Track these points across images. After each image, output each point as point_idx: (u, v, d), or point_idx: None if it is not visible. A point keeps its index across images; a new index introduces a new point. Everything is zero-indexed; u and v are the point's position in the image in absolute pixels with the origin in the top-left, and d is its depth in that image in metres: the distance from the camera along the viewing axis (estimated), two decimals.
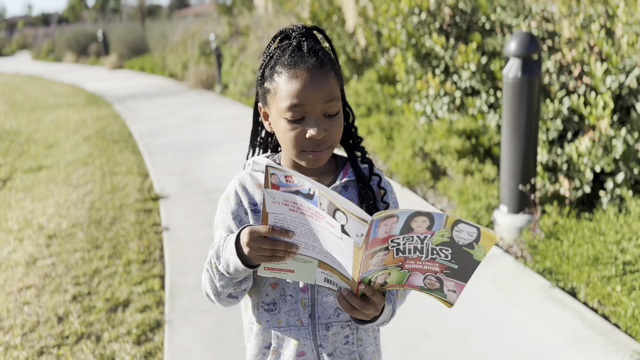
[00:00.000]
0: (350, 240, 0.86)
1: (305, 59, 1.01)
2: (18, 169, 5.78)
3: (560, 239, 2.85)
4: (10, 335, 2.58)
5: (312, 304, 1.10)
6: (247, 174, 1.15)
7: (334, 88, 1.03)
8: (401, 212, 0.83)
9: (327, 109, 1.02)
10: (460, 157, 4.01)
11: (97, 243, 3.61)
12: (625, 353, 2.15)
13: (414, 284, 0.95)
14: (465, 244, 0.86)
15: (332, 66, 1.04)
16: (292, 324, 1.11)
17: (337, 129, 1.05)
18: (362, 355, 1.16)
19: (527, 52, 3.05)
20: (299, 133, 1.02)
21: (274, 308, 1.12)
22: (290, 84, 1.00)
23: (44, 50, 23.28)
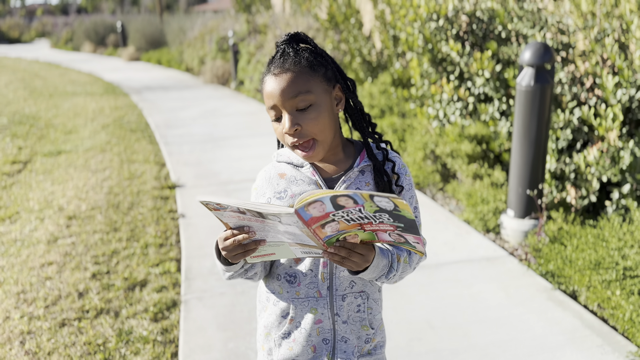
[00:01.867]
0: (293, 227, 0.99)
1: (275, 64, 1.14)
2: (38, 152, 5.94)
3: (564, 244, 2.94)
4: (33, 307, 2.72)
5: (331, 278, 1.22)
6: (272, 166, 1.27)
7: (301, 84, 1.12)
8: (322, 197, 0.92)
9: (296, 104, 1.12)
10: (471, 162, 4.11)
11: (116, 226, 3.74)
12: (620, 353, 2.25)
13: (385, 239, 1.04)
14: (392, 209, 0.93)
15: (304, 63, 1.14)
16: (310, 296, 1.23)
17: (312, 122, 1.13)
18: (372, 322, 1.28)
19: (540, 62, 3.15)
20: (280, 130, 1.15)
21: (295, 280, 1.23)
22: (265, 87, 1.15)
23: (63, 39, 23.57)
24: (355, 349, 1.27)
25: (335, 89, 1.20)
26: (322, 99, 1.16)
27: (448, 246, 3.28)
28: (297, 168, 1.23)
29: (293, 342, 1.26)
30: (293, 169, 1.23)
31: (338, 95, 1.21)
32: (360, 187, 1.22)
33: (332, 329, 1.25)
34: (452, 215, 3.77)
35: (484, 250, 3.21)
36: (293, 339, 1.26)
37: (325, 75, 1.17)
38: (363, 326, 1.27)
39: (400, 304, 2.65)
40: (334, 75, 1.20)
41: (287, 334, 1.26)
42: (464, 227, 3.54)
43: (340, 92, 1.22)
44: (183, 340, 2.39)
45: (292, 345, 1.26)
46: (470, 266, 3.03)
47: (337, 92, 1.21)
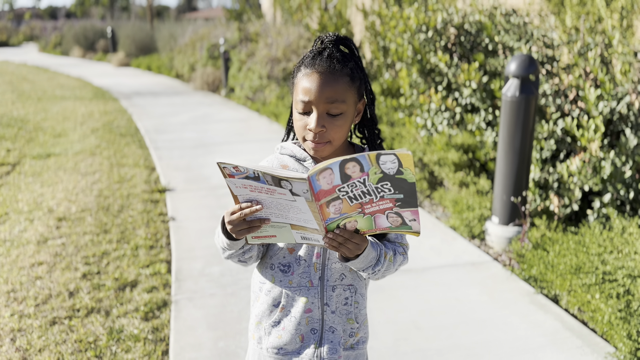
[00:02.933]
0: (301, 199, 1.05)
1: (321, 63, 1.18)
2: (27, 154, 5.93)
3: (547, 250, 3.03)
4: (24, 305, 2.73)
5: (323, 268, 1.28)
6: (275, 157, 1.33)
7: (340, 92, 1.18)
8: (332, 163, 1.00)
9: (330, 109, 1.19)
10: (457, 170, 4.20)
11: (106, 228, 3.76)
12: (599, 354, 2.33)
13: (383, 225, 1.11)
14: (395, 172, 1.00)
15: (348, 73, 1.19)
16: (302, 285, 1.29)
17: (337, 128, 1.20)
18: (357, 316, 1.34)
19: (525, 73, 3.25)
20: (303, 124, 1.21)
21: (288, 270, 1.29)
22: (303, 81, 1.19)
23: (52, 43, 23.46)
24: (341, 339, 1.32)
25: (360, 102, 1.27)
26: (350, 109, 1.23)
27: (434, 251, 3.35)
28: (300, 162, 1.29)
29: (282, 330, 1.31)
30: (295, 162, 1.29)
31: (359, 108, 1.28)
32: None
33: (321, 318, 1.30)
34: (439, 221, 3.85)
35: (469, 256, 3.29)
36: (283, 327, 1.31)
37: (358, 89, 1.24)
38: (349, 319, 1.33)
39: (387, 305, 2.71)
40: (364, 90, 1.27)
41: (277, 322, 1.32)
42: (450, 233, 3.62)
43: (362, 105, 1.29)
44: (174, 338, 2.43)
45: (281, 333, 1.31)
46: (455, 270, 3.10)
47: (360, 105, 1.27)
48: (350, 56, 1.23)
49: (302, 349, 1.32)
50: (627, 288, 2.47)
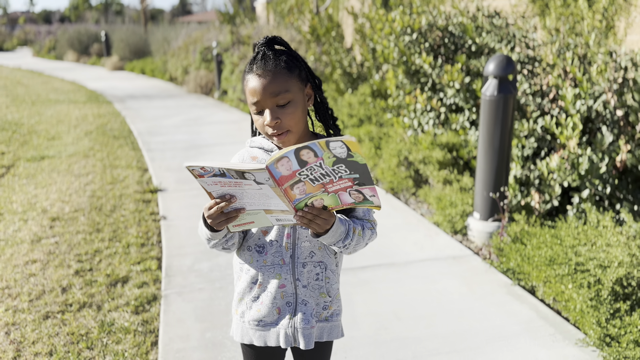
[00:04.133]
0: (266, 186, 1.16)
1: (258, 65, 1.30)
2: (21, 157, 6.01)
3: (525, 243, 3.14)
4: (18, 301, 2.82)
5: (293, 247, 1.39)
6: (246, 150, 1.45)
7: (281, 83, 1.29)
8: (287, 152, 1.10)
9: (277, 101, 1.30)
10: (441, 168, 4.31)
11: (98, 227, 3.85)
12: (570, 341, 2.43)
13: (347, 201, 1.21)
14: (346, 156, 1.10)
15: (283, 65, 1.30)
16: (276, 263, 1.40)
17: (290, 116, 1.31)
18: (329, 291, 1.45)
19: (503, 73, 3.36)
20: (261, 122, 1.32)
21: (263, 250, 1.41)
22: (248, 86, 1.31)
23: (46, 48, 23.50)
24: (313, 311, 1.44)
25: (307, 87, 1.38)
26: (298, 96, 1.34)
27: (417, 246, 3.46)
28: (268, 152, 1.40)
29: (261, 304, 1.43)
30: (264, 153, 1.40)
31: (309, 93, 1.39)
32: None
33: (294, 293, 1.42)
34: (423, 218, 3.96)
35: (450, 250, 3.39)
36: (261, 302, 1.43)
37: (299, 76, 1.35)
38: (321, 293, 1.44)
39: (369, 297, 2.81)
40: (306, 75, 1.38)
41: (256, 298, 1.44)
42: (433, 229, 3.72)
43: (311, 90, 1.40)
44: (163, 330, 2.52)
45: (260, 307, 1.43)
46: (437, 264, 3.20)
47: (308, 90, 1.39)
48: (283, 50, 1.35)
49: (279, 320, 1.44)
50: (598, 278, 2.57)
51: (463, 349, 2.37)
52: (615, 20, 4.35)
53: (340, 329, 1.55)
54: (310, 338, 1.44)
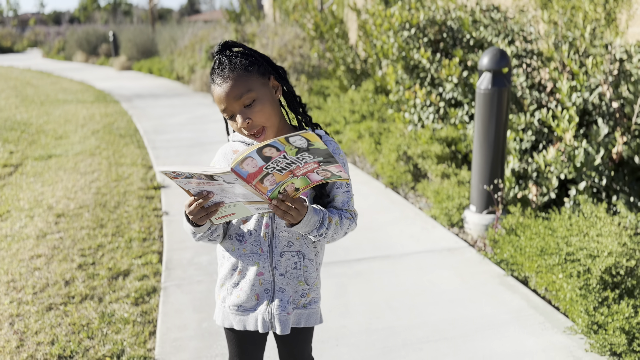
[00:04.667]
0: (237, 184, 1.21)
1: (217, 73, 1.35)
2: (29, 156, 6.12)
3: (519, 235, 3.17)
4: (22, 293, 2.91)
5: (272, 237, 1.45)
6: (228, 145, 1.51)
7: (241, 85, 1.34)
8: (249, 153, 1.14)
9: (243, 102, 1.35)
10: (440, 162, 4.35)
11: (102, 222, 3.94)
12: (559, 329, 2.47)
13: (316, 179, 1.26)
14: (307, 146, 1.14)
15: (240, 67, 1.35)
16: (254, 252, 1.46)
17: (259, 113, 1.36)
18: (307, 279, 1.51)
19: (497, 67, 3.40)
20: (236, 125, 1.38)
21: (242, 239, 1.46)
22: (214, 95, 1.37)
23: (55, 48, 23.75)
24: (290, 299, 1.50)
25: (270, 80, 1.42)
26: (262, 92, 1.38)
27: (413, 239, 3.50)
28: (249, 145, 1.46)
29: (240, 290, 1.49)
30: (245, 146, 1.46)
31: (275, 84, 1.44)
32: None
33: (272, 280, 1.48)
34: (421, 211, 4.00)
35: (446, 242, 3.44)
36: (240, 288, 1.49)
37: (259, 72, 1.39)
38: (299, 281, 1.50)
39: (363, 288, 2.87)
40: (267, 69, 1.42)
41: (236, 284, 1.50)
42: (430, 222, 3.77)
43: (275, 81, 1.44)
44: (161, 320, 2.60)
45: (239, 293, 1.50)
46: (432, 256, 3.25)
47: (272, 82, 1.43)
48: (238, 52, 1.39)
49: (257, 305, 1.50)
50: (587, 267, 2.61)
51: (452, 336, 2.42)
52: (617, 12, 4.35)
53: (319, 315, 1.60)
54: (286, 324, 1.50)
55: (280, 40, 8.58)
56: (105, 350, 2.38)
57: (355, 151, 5.41)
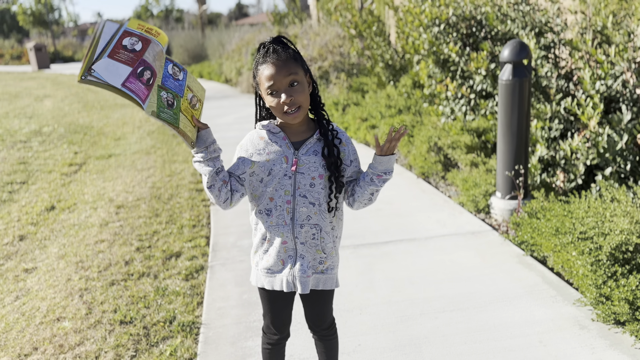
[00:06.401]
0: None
1: (271, 55, 1.63)
2: (91, 156, 6.70)
3: (539, 218, 3.34)
4: (89, 272, 3.34)
5: (293, 212, 1.73)
6: (255, 131, 1.78)
7: (292, 67, 1.61)
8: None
9: (290, 80, 1.62)
10: (469, 152, 4.52)
11: (157, 212, 4.36)
12: (569, 301, 2.65)
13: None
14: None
15: (291, 56, 1.63)
16: (280, 224, 1.74)
17: (300, 93, 1.64)
18: (324, 248, 1.78)
19: (517, 58, 3.56)
20: (277, 102, 1.64)
21: (269, 213, 1.75)
22: (264, 72, 1.63)
23: None
24: (309, 264, 1.77)
25: (307, 76, 1.72)
26: (303, 79, 1.67)
27: (440, 224, 3.72)
28: (274, 133, 1.74)
29: (269, 256, 1.78)
30: (270, 134, 1.74)
31: (308, 81, 1.73)
32: (317, 150, 1.72)
33: (294, 248, 1.76)
34: (450, 199, 4.20)
35: (471, 226, 3.64)
36: (269, 254, 1.78)
37: (303, 65, 1.69)
38: (317, 250, 1.78)
39: (389, 266, 3.12)
40: (306, 67, 1.71)
41: (266, 251, 1.79)
42: (457, 209, 3.97)
43: (309, 79, 1.74)
44: (207, 293, 2.95)
45: (268, 258, 1.79)
46: (455, 238, 3.46)
47: (308, 78, 1.72)
48: (288, 45, 1.68)
49: (282, 269, 1.79)
50: (599, 245, 2.76)
51: (467, 307, 2.64)
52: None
53: (335, 280, 1.88)
54: (305, 285, 1.78)
55: (321, 40, 8.89)
56: (159, 317, 2.75)
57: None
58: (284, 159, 1.70)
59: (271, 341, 1.94)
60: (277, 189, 1.71)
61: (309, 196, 1.72)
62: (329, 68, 8.56)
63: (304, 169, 1.71)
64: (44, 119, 9.76)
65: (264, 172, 1.72)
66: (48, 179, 5.67)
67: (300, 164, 1.71)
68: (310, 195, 1.73)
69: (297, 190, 1.71)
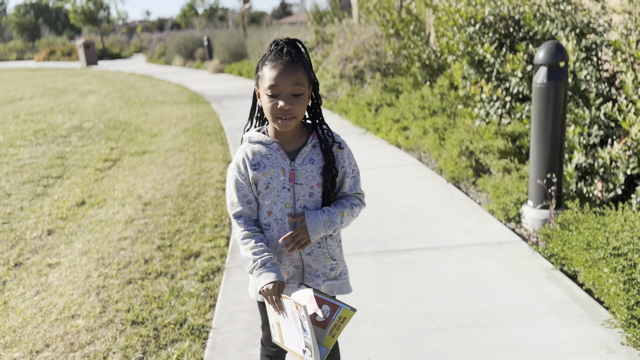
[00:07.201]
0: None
1: (283, 57, 1.55)
2: (126, 152, 6.82)
3: (571, 230, 3.15)
4: (109, 269, 3.37)
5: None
6: (246, 145, 1.68)
7: (300, 77, 1.54)
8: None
9: (294, 90, 1.55)
10: (502, 157, 4.34)
11: (182, 210, 4.38)
12: (597, 322, 2.48)
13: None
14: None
15: (302, 64, 1.56)
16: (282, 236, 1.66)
17: (301, 105, 1.56)
18: (333, 255, 1.72)
19: (553, 61, 3.37)
20: (274, 105, 1.56)
21: (269, 228, 1.67)
22: (271, 72, 1.55)
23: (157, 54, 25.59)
24: (318, 272, 1.71)
25: (310, 88, 1.64)
26: (307, 92, 1.61)
27: (466, 232, 3.57)
28: (267, 145, 1.65)
29: None
30: (263, 147, 1.65)
31: (310, 93, 1.65)
32: (313, 158, 1.65)
33: (300, 258, 1.69)
34: (479, 206, 4.04)
35: (499, 236, 3.48)
36: None
37: (310, 77, 1.62)
38: (326, 258, 1.71)
39: (408, 276, 3.01)
40: (313, 79, 1.65)
41: None
42: (486, 217, 3.81)
43: (311, 92, 1.66)
44: (221, 295, 2.91)
45: None
46: (481, 248, 3.31)
47: (310, 91, 1.65)
48: (302, 52, 1.60)
49: (289, 280, 1.71)
50: (633, 262, 2.57)
51: (486, 323, 2.51)
52: None
53: (349, 285, 1.80)
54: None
55: (358, 39, 8.78)
56: (170, 319, 2.73)
57: (421, 147, 5.49)
58: (281, 172, 1.63)
59: (270, 354, 1.88)
60: (275, 202, 1.65)
61: (309, 206, 1.66)
62: (364, 67, 8.45)
63: (302, 179, 1.64)
64: (86, 114, 10.03)
65: (261, 185, 1.65)
66: (82, 174, 5.80)
67: (297, 175, 1.63)
68: (310, 205, 1.66)
69: (297, 202, 1.65)
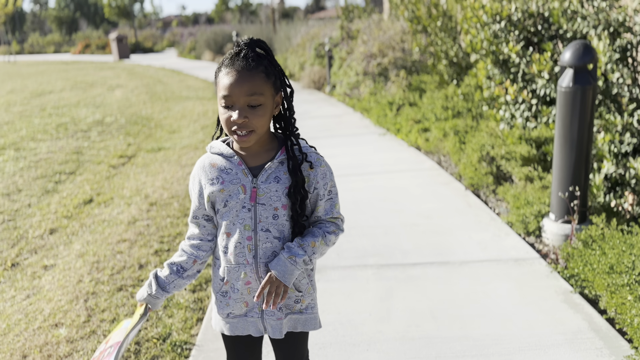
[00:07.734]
0: None
1: (238, 62, 1.34)
2: (143, 148, 6.75)
3: (594, 249, 2.87)
4: (101, 274, 3.25)
5: (255, 248, 1.46)
6: (206, 156, 1.51)
7: (257, 86, 1.34)
8: None
9: (250, 101, 1.35)
10: (525, 164, 4.05)
11: (186, 212, 4.24)
12: (617, 356, 2.21)
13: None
14: None
15: (263, 70, 1.35)
16: (240, 262, 1.47)
17: (259, 118, 1.36)
18: (298, 286, 1.52)
19: (580, 63, 3.08)
20: (227, 117, 1.37)
21: (227, 251, 1.48)
22: (224, 79, 1.36)
23: (187, 48, 25.74)
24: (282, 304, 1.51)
25: (277, 95, 1.44)
26: (269, 101, 1.40)
27: (481, 246, 3.32)
28: (228, 158, 1.47)
29: (229, 299, 1.53)
30: (223, 160, 1.46)
31: (278, 101, 1.45)
32: (279, 176, 1.45)
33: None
34: (498, 217, 3.77)
35: (516, 252, 3.21)
36: (229, 297, 1.53)
37: (274, 84, 1.41)
38: (290, 289, 1.50)
39: (410, 294, 2.79)
40: (280, 84, 1.44)
41: (225, 293, 1.53)
42: (504, 229, 3.54)
43: (280, 99, 1.46)
44: (210, 309, 2.75)
45: (228, 302, 1.53)
46: (495, 266, 3.06)
47: (278, 98, 1.45)
48: (264, 56, 1.40)
49: (247, 313, 1.53)
50: None
51: (491, 353, 2.27)
52: None
53: (317, 321, 1.60)
54: (277, 328, 1.53)
55: (384, 35, 8.51)
56: (154, 333, 2.58)
57: (441, 150, 5.23)
58: (241, 189, 1.44)
59: None
60: (234, 223, 1.46)
61: (272, 230, 1.46)
62: (389, 65, 8.18)
63: (264, 199, 1.44)
64: (110, 109, 10.06)
65: (219, 203, 1.46)
66: (95, 171, 5.74)
67: (259, 194, 1.44)
68: (274, 229, 1.46)
69: (259, 224, 1.45)
